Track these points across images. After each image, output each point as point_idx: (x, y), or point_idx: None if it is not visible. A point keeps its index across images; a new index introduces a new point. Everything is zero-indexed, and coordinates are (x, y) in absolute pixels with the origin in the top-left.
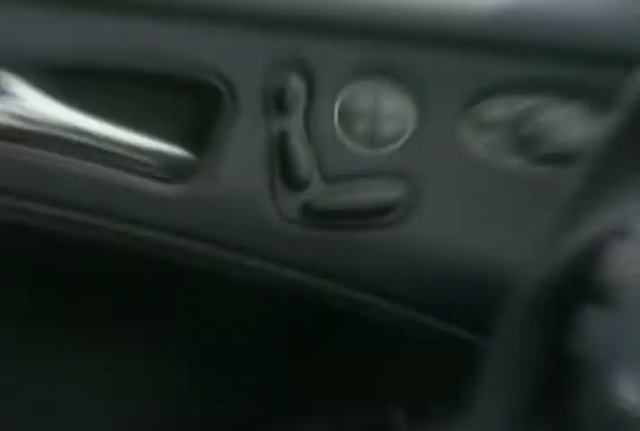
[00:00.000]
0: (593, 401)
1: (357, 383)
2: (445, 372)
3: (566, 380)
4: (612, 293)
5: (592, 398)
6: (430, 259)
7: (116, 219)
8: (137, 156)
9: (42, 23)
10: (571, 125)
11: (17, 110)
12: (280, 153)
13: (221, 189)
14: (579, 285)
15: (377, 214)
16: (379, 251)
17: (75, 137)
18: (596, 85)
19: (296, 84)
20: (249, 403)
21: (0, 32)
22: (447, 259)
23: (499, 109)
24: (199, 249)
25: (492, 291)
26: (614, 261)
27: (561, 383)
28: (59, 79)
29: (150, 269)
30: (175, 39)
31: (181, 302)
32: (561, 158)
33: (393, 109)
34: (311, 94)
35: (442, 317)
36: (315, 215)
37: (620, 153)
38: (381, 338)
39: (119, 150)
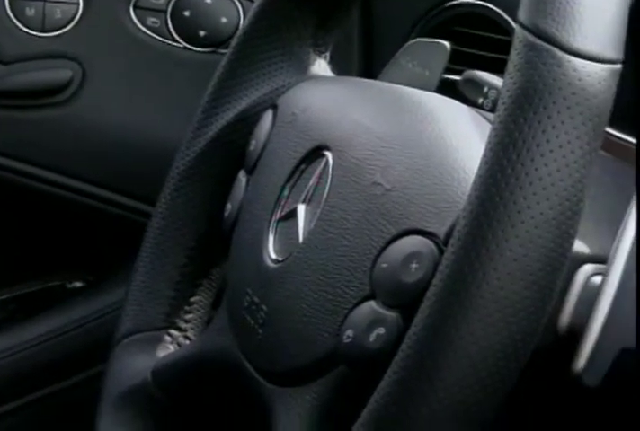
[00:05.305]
0: (243, 259)
1: (45, 253)
2: (124, 240)
3: (219, 241)
4: (256, 158)
5: (242, 256)
6: (99, 136)
7: None
8: None
9: None
10: (220, 12)
11: None
12: None
13: None
14: (230, 154)
15: (48, 94)
16: (52, 129)
17: None
18: None
19: None
20: None
21: None
22: (116, 135)
23: None
24: None
25: (157, 164)
26: (259, 130)
27: (215, 246)
28: None
29: None
30: None
31: None
32: (216, 41)
33: None
34: None
35: (118, 190)
36: None
37: (259, 38)
38: (65, 211)
39: None
